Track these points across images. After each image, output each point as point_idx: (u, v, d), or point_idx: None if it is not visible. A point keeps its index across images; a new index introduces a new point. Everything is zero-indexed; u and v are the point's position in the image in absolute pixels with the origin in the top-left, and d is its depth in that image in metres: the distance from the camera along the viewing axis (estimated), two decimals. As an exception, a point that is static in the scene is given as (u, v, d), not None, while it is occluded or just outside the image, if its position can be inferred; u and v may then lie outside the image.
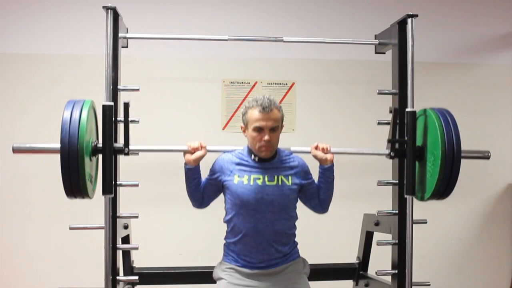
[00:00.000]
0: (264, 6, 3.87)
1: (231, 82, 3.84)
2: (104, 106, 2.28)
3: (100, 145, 2.31)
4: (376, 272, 2.61)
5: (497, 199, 4.05)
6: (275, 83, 3.87)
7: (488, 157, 2.53)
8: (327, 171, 2.34)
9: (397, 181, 2.56)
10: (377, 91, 2.64)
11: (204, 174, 2.39)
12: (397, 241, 2.53)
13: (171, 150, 2.44)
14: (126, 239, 2.71)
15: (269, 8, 3.87)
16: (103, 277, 2.31)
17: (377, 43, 2.83)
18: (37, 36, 3.71)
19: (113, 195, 2.31)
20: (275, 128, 2.24)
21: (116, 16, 2.41)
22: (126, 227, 2.66)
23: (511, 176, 4.07)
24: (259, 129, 2.22)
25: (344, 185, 3.83)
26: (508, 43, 4.08)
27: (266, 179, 2.26)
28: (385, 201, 2.70)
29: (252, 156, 2.30)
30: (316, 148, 2.35)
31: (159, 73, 3.79)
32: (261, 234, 2.25)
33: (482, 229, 4.05)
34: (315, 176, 2.40)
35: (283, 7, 3.89)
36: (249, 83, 3.85)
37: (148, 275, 2.85)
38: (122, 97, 2.52)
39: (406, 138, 2.42)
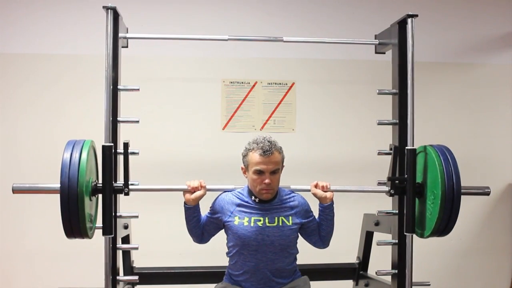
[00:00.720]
0: (264, 6, 3.87)
1: (231, 82, 3.84)
2: (103, 147, 2.28)
3: (100, 184, 2.31)
4: (376, 272, 2.61)
5: (497, 199, 4.05)
6: (275, 83, 3.87)
7: (488, 194, 2.56)
8: (327, 209, 2.36)
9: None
10: (377, 91, 2.64)
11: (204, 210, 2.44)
12: (397, 241, 2.52)
13: (171, 189, 2.47)
14: (126, 239, 2.71)
15: (269, 8, 3.87)
16: (103, 277, 2.31)
17: (377, 43, 2.83)
18: (37, 36, 3.70)
19: (113, 235, 2.31)
20: (276, 171, 2.26)
21: (116, 16, 2.41)
22: (126, 227, 2.66)
23: (511, 176, 4.07)
24: (259, 172, 2.24)
25: (344, 185, 3.83)
26: (508, 43, 4.07)
27: (266, 220, 2.29)
28: (385, 201, 2.69)
29: (253, 197, 2.32)
30: (316, 186, 2.36)
31: (159, 73, 3.79)
32: (261, 272, 2.30)
33: (482, 229, 4.04)
34: (315, 211, 2.43)
35: (283, 7, 3.88)
36: (249, 83, 3.85)
37: (148, 275, 2.85)
38: (122, 97, 2.52)
39: (406, 176, 2.41)
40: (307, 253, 2.55)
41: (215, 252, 2.67)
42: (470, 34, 4.05)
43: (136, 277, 2.52)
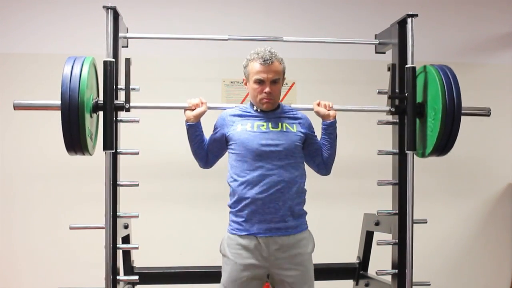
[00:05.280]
0: (264, 6, 3.87)
1: (231, 82, 3.84)
2: (105, 62, 2.29)
3: (101, 101, 2.32)
4: (376, 272, 2.61)
5: (497, 199, 4.05)
6: (275, 83, 3.87)
7: (488, 114, 2.53)
8: (330, 127, 2.33)
9: (397, 181, 2.56)
10: (377, 91, 2.64)
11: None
12: (397, 241, 2.53)
13: (172, 107, 2.47)
14: (126, 239, 2.71)
15: (269, 8, 3.87)
16: (103, 277, 2.31)
17: (377, 43, 2.83)
18: (38, 36, 3.70)
19: (113, 151, 2.32)
20: (277, 81, 2.23)
21: (116, 16, 2.41)
22: (126, 226, 2.66)
23: (511, 176, 4.07)
24: (260, 81, 2.22)
25: (344, 185, 3.84)
26: (508, 43, 4.08)
27: (270, 125, 2.25)
28: (385, 201, 2.70)
29: (255, 108, 2.30)
30: (319, 104, 2.35)
31: (159, 73, 3.79)
32: (268, 183, 2.16)
33: (482, 229, 4.04)
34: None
35: (283, 7, 3.89)
36: (249, 83, 3.85)
37: (148, 275, 2.85)
38: (122, 97, 2.52)
39: (406, 94, 2.42)
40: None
41: (215, 252, 2.66)
42: (470, 34, 4.05)
43: (136, 277, 2.52)
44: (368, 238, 2.95)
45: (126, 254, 2.78)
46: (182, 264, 3.12)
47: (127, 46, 2.76)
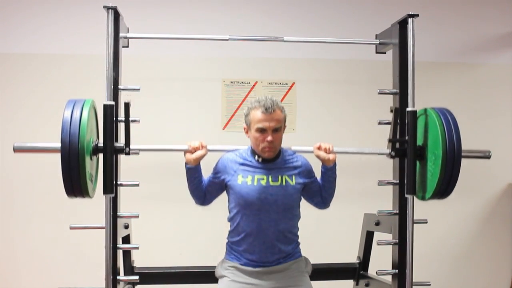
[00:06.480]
0: (264, 6, 3.87)
1: (231, 82, 3.84)
2: (105, 106, 2.28)
3: (101, 144, 2.31)
4: (376, 272, 2.61)
5: (497, 199, 4.05)
6: (275, 83, 3.87)
7: (489, 157, 2.54)
8: (329, 170, 2.34)
9: (398, 181, 2.56)
10: (378, 91, 2.64)
11: (206, 174, 2.39)
12: (397, 241, 2.53)
13: (172, 149, 2.44)
14: (126, 239, 2.71)
15: (269, 8, 3.87)
16: (104, 277, 2.31)
17: (378, 42, 2.83)
18: (38, 36, 3.70)
19: (113, 195, 2.32)
20: (278, 129, 2.24)
21: (116, 15, 2.41)
22: (126, 226, 2.66)
23: (511, 176, 4.07)
24: (262, 130, 2.22)
25: (344, 185, 3.83)
26: (508, 43, 4.08)
27: (270, 179, 2.27)
28: (385, 201, 2.70)
29: (256, 157, 2.31)
30: (319, 148, 2.35)
31: (159, 73, 3.79)
32: (264, 233, 2.25)
33: (482, 229, 4.05)
34: (317, 174, 2.40)
35: (284, 7, 3.89)
36: (249, 83, 3.85)
37: (148, 275, 2.85)
38: (123, 97, 2.52)
39: (406, 138, 2.43)
40: (307, 253, 2.54)
41: (215, 252, 2.67)
42: (470, 34, 4.05)
43: (136, 277, 2.52)
44: (368, 238, 2.95)
45: (126, 254, 2.78)
46: (182, 264, 3.12)
47: (127, 46, 2.76)
